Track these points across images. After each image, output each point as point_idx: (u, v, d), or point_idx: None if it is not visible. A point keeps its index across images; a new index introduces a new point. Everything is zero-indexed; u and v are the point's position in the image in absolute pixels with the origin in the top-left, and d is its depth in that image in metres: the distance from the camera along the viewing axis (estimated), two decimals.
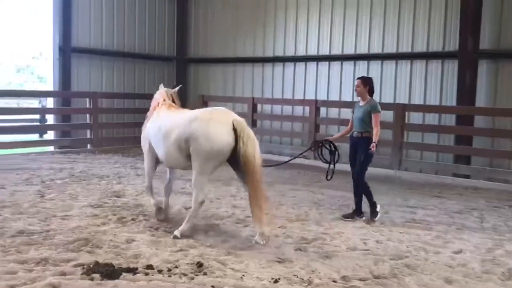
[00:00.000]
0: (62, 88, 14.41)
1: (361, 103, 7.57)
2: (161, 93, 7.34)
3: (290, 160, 8.39)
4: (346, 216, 7.57)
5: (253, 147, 6.00)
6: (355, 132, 7.53)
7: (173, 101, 7.28)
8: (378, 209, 7.53)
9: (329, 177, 7.52)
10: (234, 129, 6.03)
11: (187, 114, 6.49)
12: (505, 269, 5.48)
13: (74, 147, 13.99)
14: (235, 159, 6.12)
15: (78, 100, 14.61)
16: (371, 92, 7.58)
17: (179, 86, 7.78)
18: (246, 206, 8.10)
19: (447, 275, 5.25)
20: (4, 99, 18.47)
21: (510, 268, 5.54)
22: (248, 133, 6.06)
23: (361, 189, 7.50)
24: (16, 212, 7.20)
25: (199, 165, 6.09)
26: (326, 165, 7.70)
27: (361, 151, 7.39)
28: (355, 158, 7.50)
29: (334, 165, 7.62)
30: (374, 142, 7.22)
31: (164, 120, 6.68)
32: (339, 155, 7.70)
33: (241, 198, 8.75)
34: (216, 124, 6.04)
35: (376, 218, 7.44)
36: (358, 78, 7.77)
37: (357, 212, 7.61)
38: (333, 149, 7.69)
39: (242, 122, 6.13)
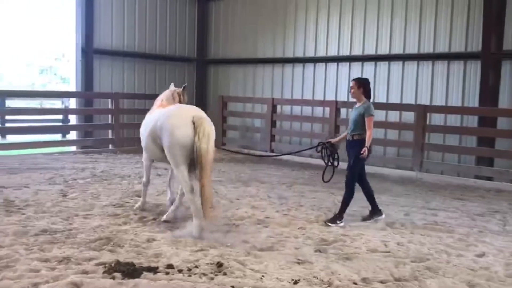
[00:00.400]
0: (85, 89, 14.63)
1: (357, 105, 7.43)
2: (165, 94, 7.73)
3: (249, 153, 8.31)
4: (365, 219, 7.52)
5: (206, 142, 6.19)
6: (348, 134, 7.41)
7: (179, 99, 7.50)
8: (338, 223, 7.16)
9: (326, 180, 7.45)
10: (194, 124, 6.28)
11: (160, 110, 6.91)
12: None
13: (96, 147, 14.17)
14: None
15: (100, 101, 14.84)
16: (367, 94, 7.37)
17: (184, 85, 7.99)
18: (265, 207, 8.15)
19: (469, 278, 5.19)
20: (27, 100, 18.81)
21: None
22: (205, 128, 6.25)
23: (346, 194, 7.29)
24: (39, 211, 7.31)
25: (170, 158, 6.43)
26: (337, 166, 7.64)
27: (351, 154, 7.25)
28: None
29: (333, 167, 7.56)
30: (366, 147, 7.03)
31: (149, 118, 7.13)
32: (338, 157, 7.63)
33: (261, 199, 8.77)
34: (177, 118, 6.40)
35: (330, 224, 7.11)
36: (353, 80, 7.60)
37: (375, 212, 7.55)
38: (333, 150, 7.63)
39: (201, 118, 6.35)
